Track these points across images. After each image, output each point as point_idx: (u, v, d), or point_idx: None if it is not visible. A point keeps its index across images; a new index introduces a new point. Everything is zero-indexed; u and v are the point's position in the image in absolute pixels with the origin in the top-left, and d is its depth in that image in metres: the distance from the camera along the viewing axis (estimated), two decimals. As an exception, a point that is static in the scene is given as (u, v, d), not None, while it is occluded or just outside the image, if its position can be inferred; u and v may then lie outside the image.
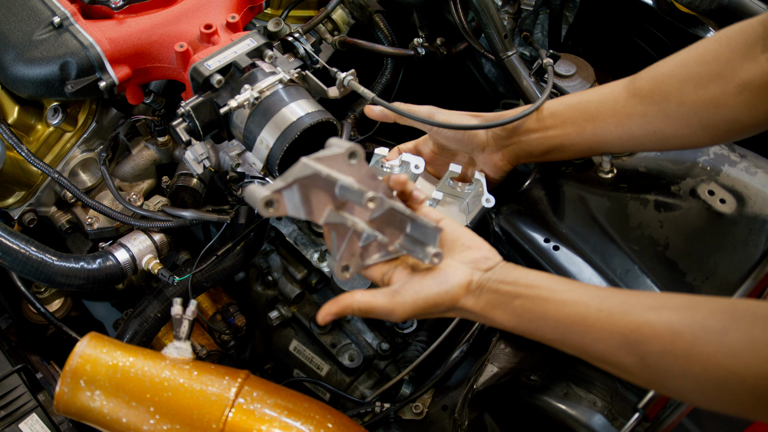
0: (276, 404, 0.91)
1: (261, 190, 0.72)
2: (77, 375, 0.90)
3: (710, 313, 0.70)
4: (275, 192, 0.73)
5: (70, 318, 1.44)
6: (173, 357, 0.94)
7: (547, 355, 1.11)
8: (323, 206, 0.78)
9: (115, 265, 1.18)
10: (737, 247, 1.01)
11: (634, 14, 1.37)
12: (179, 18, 1.14)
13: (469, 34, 1.43)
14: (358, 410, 1.33)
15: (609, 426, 1.01)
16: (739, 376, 0.66)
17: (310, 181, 0.75)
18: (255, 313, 1.53)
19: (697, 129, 0.92)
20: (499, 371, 1.12)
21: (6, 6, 1.12)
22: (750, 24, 0.88)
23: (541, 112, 1.02)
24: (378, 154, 1.05)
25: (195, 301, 0.99)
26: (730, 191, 1.06)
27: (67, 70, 1.08)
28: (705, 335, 0.69)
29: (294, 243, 1.48)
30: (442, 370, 1.34)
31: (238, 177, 1.22)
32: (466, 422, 1.13)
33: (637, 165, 1.11)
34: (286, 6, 1.43)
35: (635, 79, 0.96)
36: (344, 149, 0.76)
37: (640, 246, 1.03)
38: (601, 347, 0.75)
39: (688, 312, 0.72)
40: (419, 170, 1.02)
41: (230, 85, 1.07)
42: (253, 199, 0.73)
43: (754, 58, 0.85)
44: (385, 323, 1.46)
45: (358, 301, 0.84)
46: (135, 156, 1.34)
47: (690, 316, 0.71)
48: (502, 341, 1.17)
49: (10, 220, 1.27)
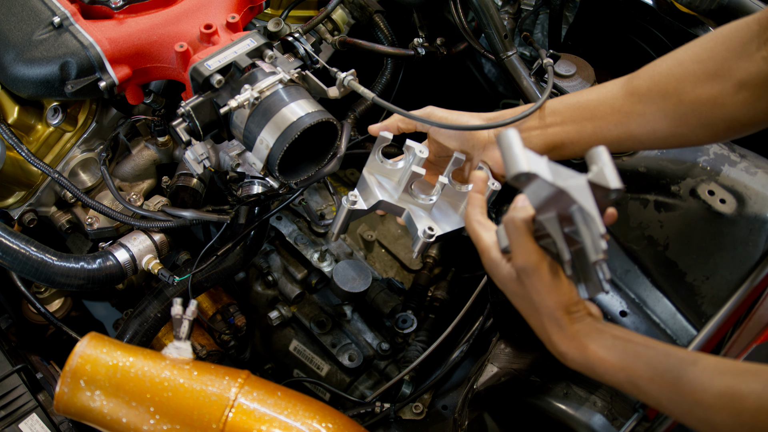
0: (276, 404, 0.91)
1: (525, 161, 0.68)
2: (77, 375, 0.90)
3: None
4: (535, 175, 0.69)
5: (70, 318, 1.44)
6: (173, 357, 0.94)
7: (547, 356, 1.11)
8: (549, 210, 0.75)
9: (115, 265, 1.18)
10: (737, 247, 1.01)
11: (634, 14, 1.37)
12: (179, 18, 1.14)
13: (469, 34, 1.43)
14: (358, 410, 1.33)
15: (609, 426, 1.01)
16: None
17: (565, 197, 0.71)
18: (255, 313, 1.53)
19: (695, 127, 0.91)
20: (499, 371, 1.12)
21: (6, 6, 1.12)
22: (745, 22, 0.87)
23: (542, 110, 1.02)
24: (383, 136, 1.05)
25: (195, 301, 0.99)
26: (730, 191, 1.06)
27: (67, 70, 1.08)
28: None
29: (294, 243, 1.48)
30: (442, 370, 1.35)
31: (238, 177, 1.22)
32: (466, 422, 1.13)
33: (637, 165, 1.11)
34: (286, 6, 1.43)
35: (633, 77, 0.96)
36: (613, 188, 0.71)
37: (640, 246, 1.03)
38: (692, 397, 0.73)
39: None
40: (424, 154, 1.02)
41: (230, 85, 1.07)
42: (512, 160, 0.68)
43: (750, 56, 0.85)
44: (385, 323, 1.46)
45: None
46: (135, 156, 1.34)
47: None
48: (502, 341, 1.17)
49: (10, 220, 1.26)
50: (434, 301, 1.51)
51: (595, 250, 0.71)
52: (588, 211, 0.71)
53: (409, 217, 1.04)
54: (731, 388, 0.71)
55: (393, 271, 1.56)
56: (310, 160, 1.13)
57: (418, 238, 1.00)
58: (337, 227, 1.06)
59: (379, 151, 1.07)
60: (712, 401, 0.71)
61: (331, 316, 1.47)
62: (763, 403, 0.69)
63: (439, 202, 1.07)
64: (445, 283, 1.54)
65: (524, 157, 0.70)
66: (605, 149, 0.74)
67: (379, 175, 1.09)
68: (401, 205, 1.05)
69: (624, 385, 0.78)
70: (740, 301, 0.93)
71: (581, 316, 0.80)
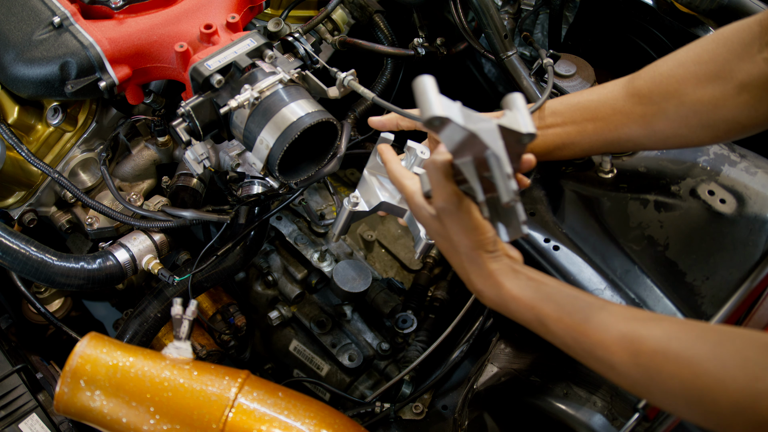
0: (276, 404, 0.91)
1: (438, 106, 0.71)
2: (77, 375, 0.90)
3: (708, 328, 0.72)
4: (448, 119, 0.71)
5: (70, 318, 1.44)
6: (173, 357, 0.94)
7: (547, 356, 1.11)
8: (464, 155, 0.77)
9: (115, 265, 1.18)
10: (737, 247, 1.01)
11: (634, 14, 1.37)
12: (179, 18, 1.14)
13: (469, 34, 1.43)
14: (358, 410, 1.33)
15: (609, 426, 1.01)
16: (724, 386, 0.66)
17: (476, 140, 0.74)
18: (255, 313, 1.53)
19: (696, 129, 0.92)
20: (499, 371, 1.12)
21: (6, 6, 1.12)
22: (747, 23, 0.87)
23: (542, 110, 1.02)
24: (384, 137, 1.05)
25: (195, 301, 0.99)
26: (730, 191, 1.06)
27: (67, 70, 1.08)
28: (699, 343, 0.70)
29: (294, 243, 1.48)
30: (442, 370, 1.35)
31: (238, 177, 1.22)
32: (466, 422, 1.13)
33: (637, 165, 1.11)
34: (286, 6, 1.43)
35: (634, 78, 0.96)
36: (525, 132, 0.75)
37: (640, 246, 1.03)
38: (595, 337, 0.75)
39: (687, 324, 0.73)
40: (425, 155, 1.02)
41: (230, 85, 1.07)
42: (425, 105, 0.71)
43: (751, 58, 0.86)
44: (385, 323, 1.46)
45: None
46: (135, 156, 1.34)
47: (688, 326, 0.73)
48: (502, 341, 1.17)
49: (10, 220, 1.27)
50: (434, 301, 1.51)
51: (507, 192, 0.73)
52: (495, 152, 0.73)
53: (411, 219, 1.04)
54: (633, 331, 0.73)
55: (393, 271, 1.56)
56: (310, 160, 1.13)
57: (420, 240, 1.00)
58: (338, 228, 1.06)
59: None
60: (612, 342, 0.74)
61: (331, 316, 1.47)
62: (661, 346, 0.71)
63: None
64: (445, 283, 1.54)
65: (438, 101, 0.72)
66: (521, 96, 0.77)
67: (380, 175, 1.08)
68: (403, 206, 1.05)
69: (533, 324, 0.81)
70: (740, 301, 0.93)
71: (498, 256, 0.83)
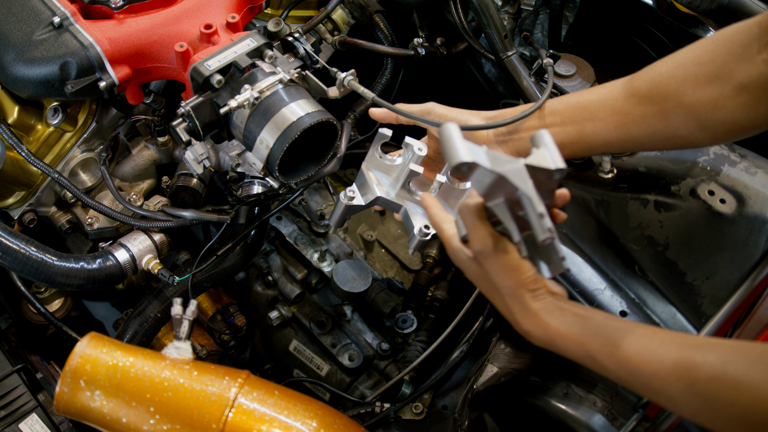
0: (276, 404, 0.91)
1: (465, 152, 0.72)
2: (77, 375, 0.90)
3: (762, 349, 0.70)
4: (475, 164, 0.72)
5: (70, 318, 1.44)
6: (173, 357, 0.94)
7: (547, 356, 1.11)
8: (496, 197, 0.79)
9: (115, 265, 1.18)
10: (737, 247, 1.02)
11: (634, 14, 1.37)
12: (179, 18, 1.14)
13: (469, 34, 1.43)
14: (358, 410, 1.33)
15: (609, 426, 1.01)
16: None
17: (505, 182, 0.75)
18: (255, 313, 1.53)
19: (695, 130, 0.91)
20: (499, 371, 1.12)
21: (6, 6, 1.12)
22: (746, 25, 0.87)
23: (542, 109, 1.03)
24: (382, 133, 1.05)
25: (195, 301, 0.99)
26: (730, 191, 1.06)
27: (67, 70, 1.08)
28: (756, 367, 0.68)
29: (294, 243, 1.48)
30: (442, 370, 1.35)
31: (238, 177, 1.22)
32: (466, 422, 1.13)
33: (637, 165, 1.11)
34: (286, 6, 1.43)
35: (634, 78, 0.96)
36: (554, 168, 0.76)
37: (640, 246, 1.03)
38: (649, 369, 0.74)
39: (740, 346, 0.71)
40: (422, 152, 1.02)
41: (230, 85, 1.07)
42: (452, 152, 0.72)
43: (751, 59, 0.85)
44: (385, 323, 1.46)
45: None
46: (135, 156, 1.34)
47: (742, 349, 0.71)
48: (502, 341, 1.17)
49: (10, 220, 1.26)
50: (434, 301, 1.51)
51: (542, 230, 0.73)
52: (525, 192, 0.74)
53: (406, 215, 1.04)
54: (687, 359, 0.72)
55: (393, 271, 1.56)
56: (310, 160, 1.13)
57: (413, 236, 1.01)
58: (334, 221, 1.07)
59: (379, 147, 1.07)
60: (667, 372, 0.73)
61: (331, 316, 1.47)
62: (716, 372, 0.70)
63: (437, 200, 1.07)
64: (445, 283, 1.54)
65: (464, 147, 0.73)
66: (547, 132, 0.78)
67: (377, 170, 1.09)
68: (398, 202, 1.05)
69: (585, 360, 0.80)
70: (740, 301, 0.93)
71: (541, 294, 0.82)
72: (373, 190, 1.05)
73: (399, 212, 1.06)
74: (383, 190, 1.06)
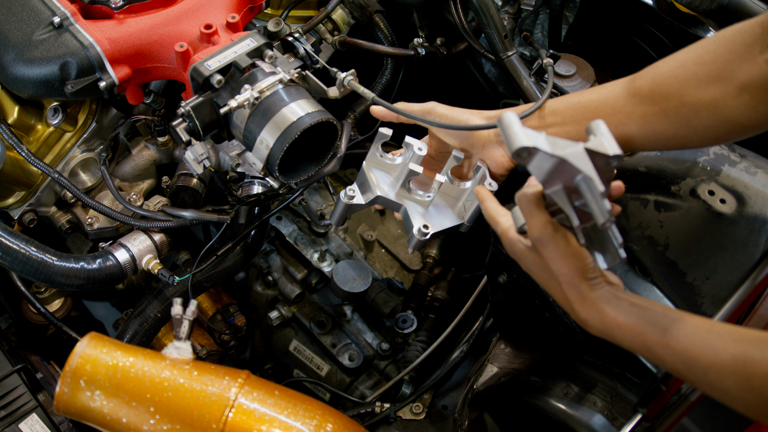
0: (276, 404, 0.91)
1: (525, 137, 0.73)
2: (77, 375, 0.90)
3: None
4: (536, 149, 0.73)
5: (70, 318, 1.44)
6: (173, 357, 0.94)
7: (547, 356, 1.11)
8: (555, 183, 0.78)
9: (115, 265, 1.18)
10: (737, 247, 1.01)
11: (634, 14, 1.37)
12: (179, 18, 1.14)
13: (469, 34, 1.43)
14: (358, 410, 1.33)
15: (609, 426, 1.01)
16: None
17: (566, 166, 0.75)
18: (255, 313, 1.53)
19: (696, 130, 0.91)
20: (499, 371, 1.12)
21: (6, 6, 1.12)
22: (748, 25, 0.87)
23: (543, 109, 1.03)
24: (382, 133, 1.05)
25: (195, 301, 0.99)
26: (730, 191, 1.06)
27: (67, 70, 1.08)
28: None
29: (294, 243, 1.48)
30: (442, 370, 1.35)
31: (238, 177, 1.22)
32: (466, 422, 1.13)
33: (637, 165, 1.11)
34: (286, 6, 1.43)
35: (635, 78, 0.96)
36: (612, 154, 0.76)
37: (640, 246, 1.03)
38: (705, 362, 0.74)
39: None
40: (422, 152, 1.03)
41: (230, 85, 1.07)
42: (513, 137, 0.73)
43: (753, 59, 0.85)
44: (385, 323, 1.46)
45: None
46: (135, 156, 1.34)
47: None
48: (502, 341, 1.17)
49: (10, 220, 1.26)
50: (434, 301, 1.51)
51: (602, 213, 0.74)
52: (586, 173, 0.74)
53: (406, 214, 1.04)
54: (744, 353, 0.72)
55: (393, 271, 1.56)
56: (310, 160, 1.13)
57: (412, 235, 1.01)
58: (335, 219, 1.07)
59: (379, 146, 1.07)
60: (724, 366, 0.73)
61: (331, 316, 1.47)
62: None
63: (436, 199, 1.08)
64: (445, 283, 1.54)
65: (523, 133, 0.74)
66: (603, 122, 0.78)
67: (378, 169, 1.09)
68: (398, 202, 1.05)
69: (640, 351, 0.81)
70: (740, 301, 0.93)
71: (600, 283, 0.83)
72: (374, 189, 1.05)
73: (399, 211, 1.06)
74: (383, 189, 1.06)
